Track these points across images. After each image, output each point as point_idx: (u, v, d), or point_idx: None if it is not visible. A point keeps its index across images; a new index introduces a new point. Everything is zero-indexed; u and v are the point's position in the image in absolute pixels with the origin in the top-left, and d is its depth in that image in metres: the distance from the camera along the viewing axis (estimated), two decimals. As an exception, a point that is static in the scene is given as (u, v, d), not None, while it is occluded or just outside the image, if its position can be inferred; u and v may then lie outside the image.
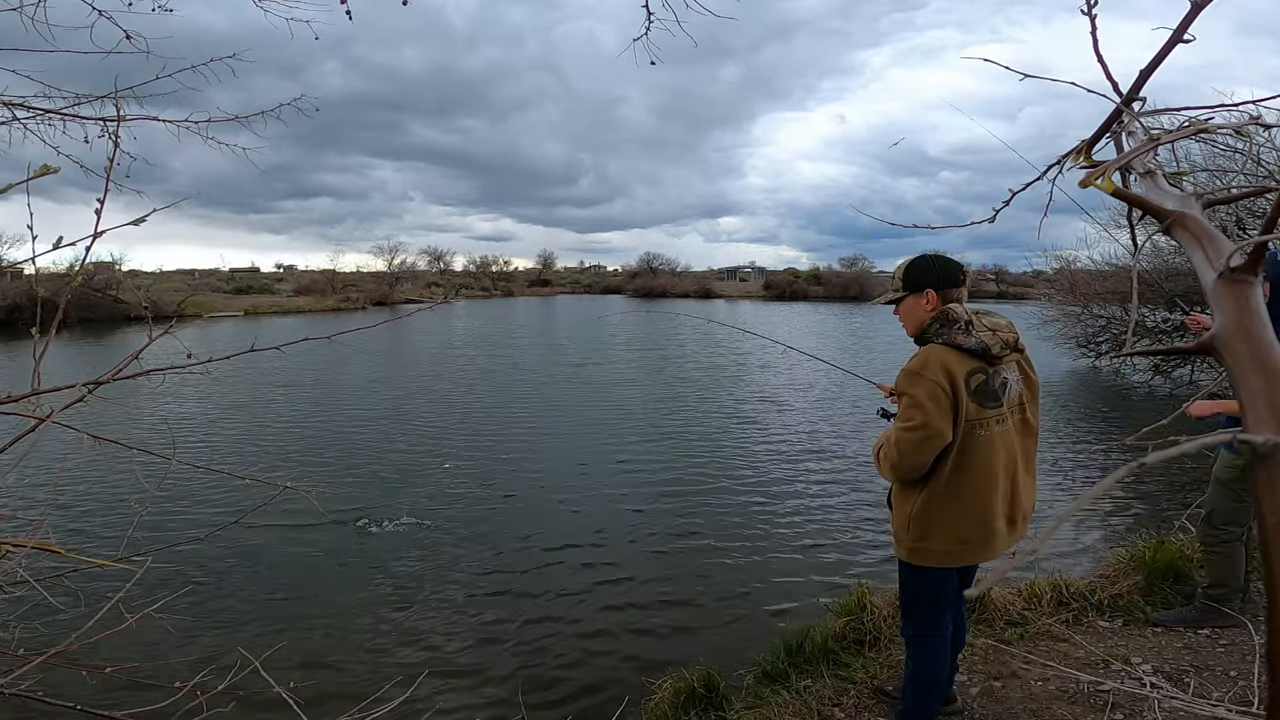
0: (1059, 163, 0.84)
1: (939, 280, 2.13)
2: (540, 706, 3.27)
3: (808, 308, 43.48)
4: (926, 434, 1.96)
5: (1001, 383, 2.07)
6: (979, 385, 2.03)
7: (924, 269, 2.15)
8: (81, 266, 1.07)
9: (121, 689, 2.84)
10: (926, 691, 2.27)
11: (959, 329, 2.04)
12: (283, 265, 74.54)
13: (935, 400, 1.95)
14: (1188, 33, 0.66)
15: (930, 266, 2.16)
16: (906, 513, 2.10)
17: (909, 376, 2.02)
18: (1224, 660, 2.88)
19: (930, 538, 2.07)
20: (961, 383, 1.99)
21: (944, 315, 2.08)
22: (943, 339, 2.05)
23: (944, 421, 1.96)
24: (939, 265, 2.16)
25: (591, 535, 5.46)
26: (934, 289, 2.12)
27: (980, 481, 2.02)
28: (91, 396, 1.03)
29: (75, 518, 5.68)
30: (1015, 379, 2.11)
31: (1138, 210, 0.65)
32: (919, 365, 2.01)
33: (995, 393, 2.05)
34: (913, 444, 1.97)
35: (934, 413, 1.95)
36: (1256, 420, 0.43)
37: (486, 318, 33.15)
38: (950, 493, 2.03)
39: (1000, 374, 2.07)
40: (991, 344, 2.02)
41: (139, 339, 1.06)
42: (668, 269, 66.54)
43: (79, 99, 1.83)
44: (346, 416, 10.16)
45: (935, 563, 2.11)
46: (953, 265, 2.17)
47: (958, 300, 2.13)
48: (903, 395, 2.03)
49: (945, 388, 1.96)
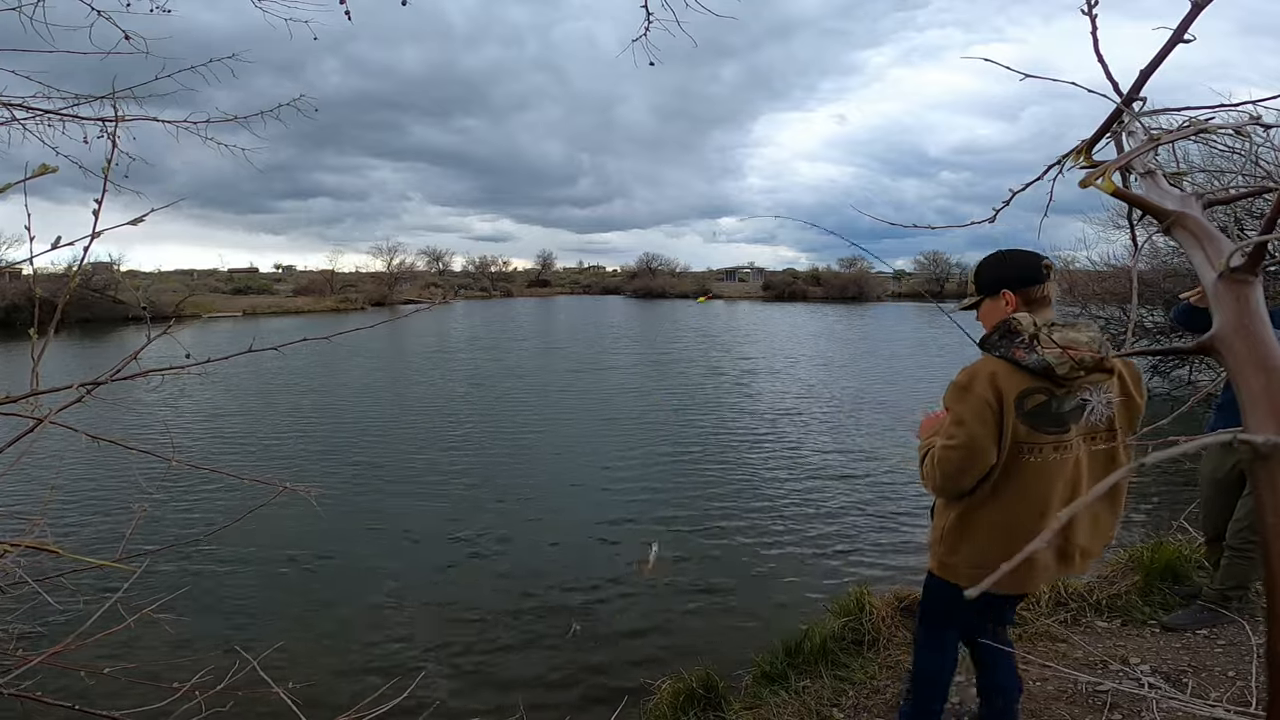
0: (1059, 163, 0.84)
1: (1015, 278, 1.90)
2: (539, 706, 3.27)
3: (807, 308, 43.48)
4: (969, 453, 1.83)
5: (1076, 406, 1.83)
6: (1035, 406, 1.83)
7: (996, 267, 1.94)
8: (80, 267, 1.06)
9: (120, 689, 2.84)
10: (928, 692, 2.27)
11: (1020, 343, 1.82)
12: (281, 265, 74.61)
13: (981, 419, 1.81)
14: (1188, 33, 0.66)
15: (1003, 263, 1.93)
16: (941, 526, 2.02)
17: (956, 391, 1.88)
18: (1222, 661, 2.88)
19: (959, 554, 1.98)
20: (1011, 402, 1.81)
21: (1006, 325, 1.85)
22: (1000, 352, 1.85)
23: (989, 440, 1.82)
24: (1013, 261, 1.93)
25: (590, 536, 5.46)
26: (1010, 289, 1.90)
27: (1020, 508, 1.86)
28: (90, 397, 1.02)
29: (74, 518, 5.67)
30: (1104, 402, 1.82)
31: (1138, 210, 0.65)
32: (966, 379, 1.87)
33: (1060, 416, 1.84)
34: (954, 463, 1.85)
35: (978, 432, 1.82)
36: (1257, 420, 0.43)
37: (485, 319, 33.13)
38: (985, 515, 1.91)
39: (1075, 396, 1.83)
40: (1057, 363, 1.77)
41: (137, 339, 1.06)
42: (667, 269, 66.58)
43: (78, 99, 1.83)
44: (345, 417, 10.15)
45: (961, 581, 2.00)
46: (1030, 259, 1.92)
47: (1042, 299, 1.91)
48: (948, 410, 1.90)
49: (992, 404, 1.81)
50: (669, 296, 56.34)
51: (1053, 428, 1.84)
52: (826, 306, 45.47)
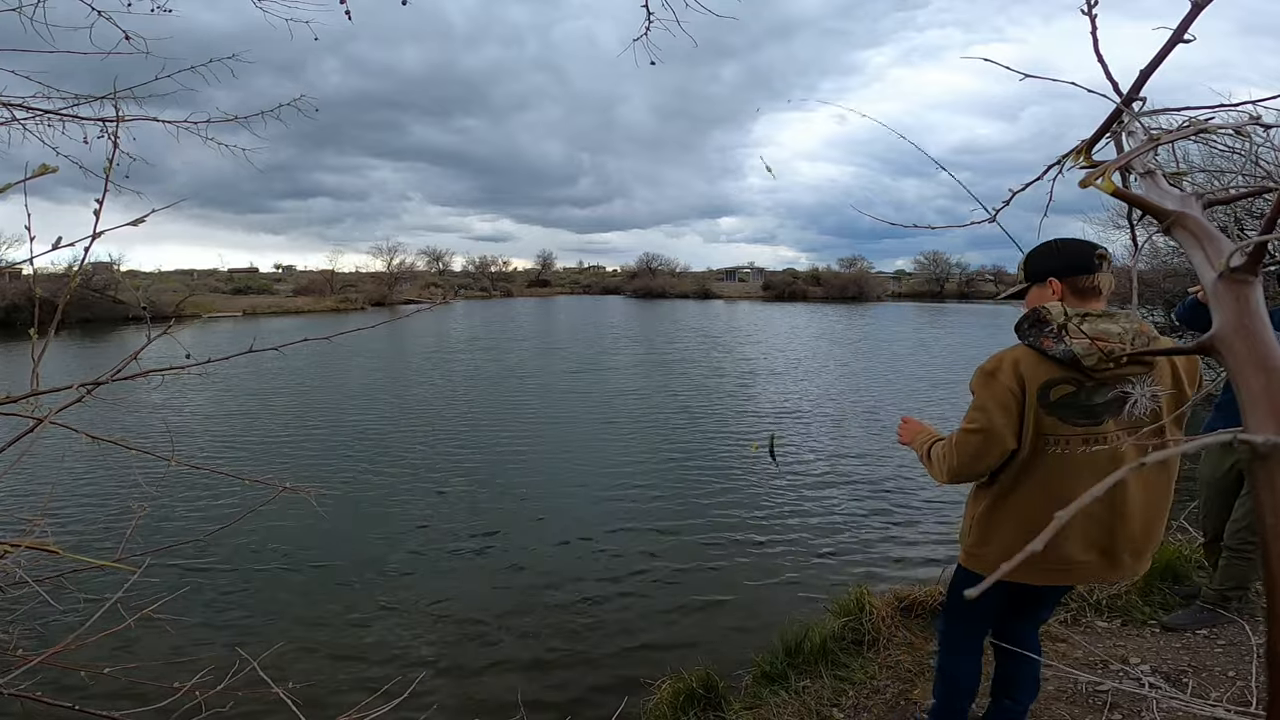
0: (1059, 163, 0.84)
1: (1063, 266, 1.85)
2: (539, 707, 3.27)
3: (807, 309, 43.49)
4: (986, 439, 1.82)
5: (1113, 399, 1.77)
6: (1062, 397, 1.80)
7: (1045, 256, 1.89)
8: (80, 267, 1.06)
9: (120, 689, 2.84)
10: (953, 690, 2.22)
11: (1049, 332, 1.80)
12: (281, 265, 74.72)
13: (1003, 406, 1.80)
14: (1188, 33, 0.66)
15: (1052, 251, 1.88)
16: (972, 515, 2.00)
17: (981, 376, 1.87)
18: (1222, 661, 2.88)
19: (989, 545, 1.96)
20: (1035, 391, 1.79)
21: (1036, 314, 1.82)
22: (1029, 340, 1.83)
23: (1008, 428, 1.81)
24: (1063, 249, 1.88)
25: (589, 537, 5.46)
26: (1057, 276, 1.86)
27: (1040, 501, 1.83)
28: (90, 397, 1.02)
29: (74, 518, 5.67)
30: (1147, 395, 1.75)
31: (1138, 210, 0.65)
32: (993, 366, 1.85)
33: (1090, 409, 1.79)
34: (972, 448, 1.84)
35: (998, 418, 1.80)
36: (1257, 420, 0.43)
37: (485, 319, 33.14)
38: (1010, 506, 1.89)
39: (1113, 388, 1.77)
40: (1084, 354, 1.74)
41: (137, 339, 1.06)
42: (667, 269, 66.63)
43: (78, 99, 1.83)
44: (345, 417, 10.15)
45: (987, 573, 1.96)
46: (1082, 249, 1.87)
47: (1091, 288, 1.85)
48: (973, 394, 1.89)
49: (1015, 392, 1.80)
50: (669, 296, 56.37)
51: (1082, 420, 1.80)
52: (826, 306, 45.48)
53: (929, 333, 27.03)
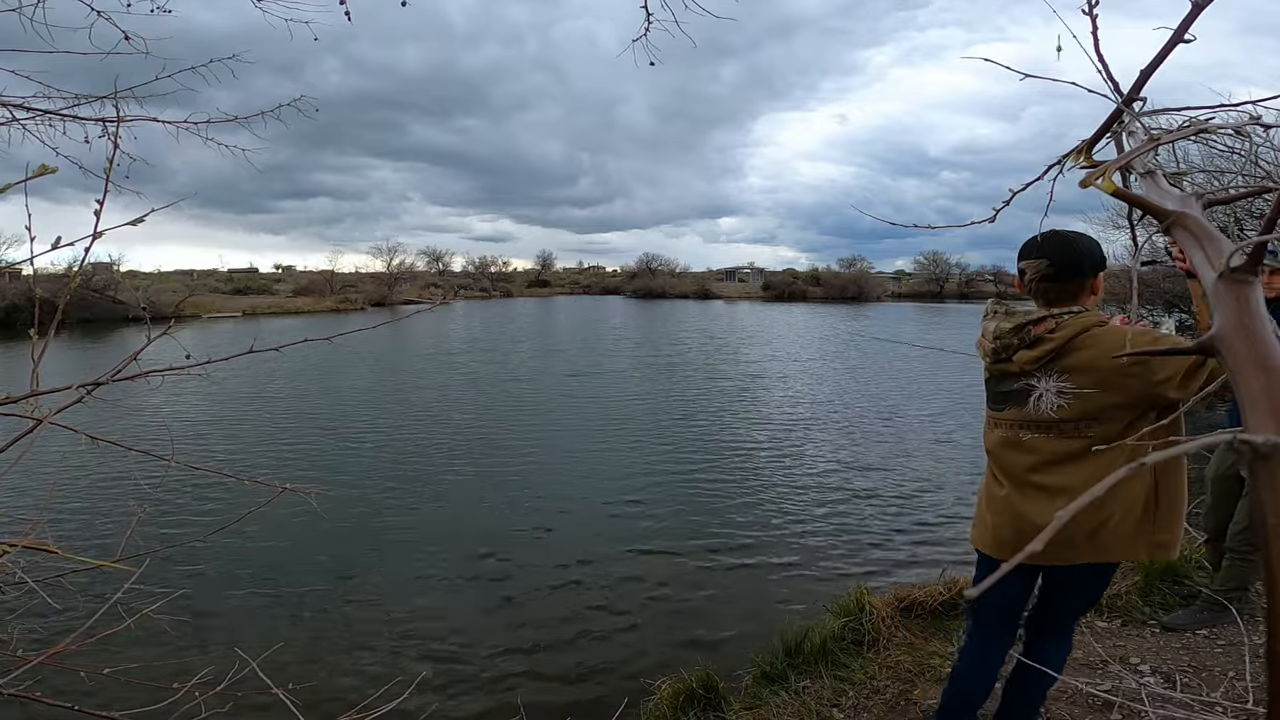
0: (1059, 163, 0.84)
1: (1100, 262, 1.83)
2: (539, 707, 3.27)
3: (807, 309, 43.49)
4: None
5: (1019, 389, 1.82)
6: (985, 379, 1.95)
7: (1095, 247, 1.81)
8: (80, 267, 1.06)
9: (120, 689, 2.84)
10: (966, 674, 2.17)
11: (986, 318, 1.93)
12: (281, 266, 74.70)
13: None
14: (1189, 33, 0.66)
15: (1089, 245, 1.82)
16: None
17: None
18: (1222, 660, 2.88)
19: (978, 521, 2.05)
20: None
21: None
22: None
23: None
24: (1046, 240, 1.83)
25: (589, 537, 5.46)
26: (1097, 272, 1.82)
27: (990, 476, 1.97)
28: (90, 397, 1.02)
29: (74, 518, 5.67)
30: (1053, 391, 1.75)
31: (1138, 210, 0.65)
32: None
33: (996, 395, 1.91)
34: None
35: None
36: (1257, 420, 0.43)
37: (485, 319, 33.14)
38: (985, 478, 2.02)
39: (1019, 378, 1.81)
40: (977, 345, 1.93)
41: (137, 339, 1.06)
42: (667, 270, 66.59)
43: (78, 99, 1.83)
44: (345, 418, 10.15)
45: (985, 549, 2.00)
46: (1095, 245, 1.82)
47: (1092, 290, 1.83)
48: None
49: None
50: (669, 297, 56.35)
51: (992, 404, 1.94)
52: (827, 307, 45.47)
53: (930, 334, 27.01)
